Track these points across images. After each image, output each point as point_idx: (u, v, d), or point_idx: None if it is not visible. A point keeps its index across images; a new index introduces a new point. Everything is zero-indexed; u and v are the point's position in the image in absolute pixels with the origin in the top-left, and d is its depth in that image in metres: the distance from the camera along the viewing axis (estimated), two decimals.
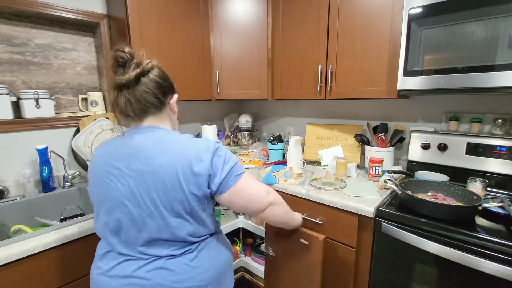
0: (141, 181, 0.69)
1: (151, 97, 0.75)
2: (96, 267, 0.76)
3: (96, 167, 0.76)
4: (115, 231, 0.73)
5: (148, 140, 0.72)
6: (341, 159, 1.50)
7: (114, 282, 0.71)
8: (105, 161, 0.74)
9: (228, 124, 2.26)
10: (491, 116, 1.32)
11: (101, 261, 0.75)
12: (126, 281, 0.70)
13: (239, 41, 1.76)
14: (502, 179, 1.23)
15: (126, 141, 0.74)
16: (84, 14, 1.47)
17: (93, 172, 0.76)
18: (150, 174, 0.69)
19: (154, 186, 0.69)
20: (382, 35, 1.31)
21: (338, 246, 1.26)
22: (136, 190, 0.70)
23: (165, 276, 0.70)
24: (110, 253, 0.75)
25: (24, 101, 1.31)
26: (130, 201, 0.70)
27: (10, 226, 1.19)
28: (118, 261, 0.72)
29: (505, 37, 0.95)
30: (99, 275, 0.74)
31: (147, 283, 0.70)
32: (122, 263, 0.72)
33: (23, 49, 1.38)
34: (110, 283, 0.71)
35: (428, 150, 1.42)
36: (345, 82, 1.47)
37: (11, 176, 1.33)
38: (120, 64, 0.73)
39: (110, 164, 0.73)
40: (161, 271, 0.71)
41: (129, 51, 0.74)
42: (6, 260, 0.84)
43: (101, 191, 0.74)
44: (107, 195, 0.72)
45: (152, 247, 0.72)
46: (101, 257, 0.76)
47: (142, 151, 0.71)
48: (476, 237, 0.90)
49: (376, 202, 1.17)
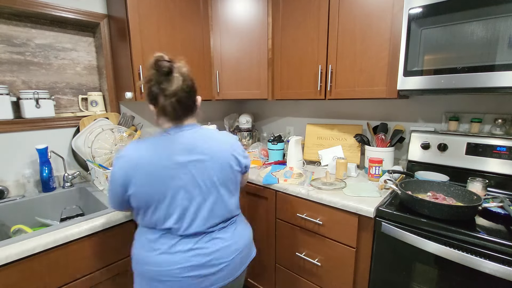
0: (201, 168, 0.85)
1: (190, 101, 0.88)
2: (153, 250, 0.84)
3: (150, 167, 0.81)
4: (179, 217, 0.84)
5: (196, 135, 0.88)
6: (341, 159, 1.50)
7: (178, 256, 0.83)
8: (160, 159, 0.82)
9: (228, 124, 2.26)
10: (491, 116, 1.32)
11: (155, 244, 0.84)
12: (190, 253, 0.84)
13: (239, 41, 1.76)
14: (502, 179, 1.23)
15: (174, 138, 0.86)
16: (84, 14, 1.47)
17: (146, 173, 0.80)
18: (208, 161, 0.86)
19: (212, 170, 0.87)
20: (382, 35, 1.31)
21: (338, 246, 1.26)
22: (199, 177, 0.85)
23: (219, 244, 0.89)
24: (165, 235, 0.85)
25: (24, 101, 1.31)
26: (194, 187, 0.85)
27: (10, 226, 1.20)
28: (177, 240, 0.84)
29: (505, 37, 0.95)
30: (160, 255, 0.83)
31: (207, 251, 0.86)
32: (182, 240, 0.85)
33: (23, 49, 1.38)
34: (174, 258, 0.83)
35: (428, 150, 1.42)
36: (345, 82, 1.47)
37: (11, 176, 1.33)
38: (163, 73, 0.81)
39: (169, 160, 0.82)
40: (216, 240, 0.88)
41: (170, 59, 0.83)
42: (6, 260, 0.84)
43: (160, 186, 0.81)
44: (170, 187, 0.82)
45: (208, 222, 0.87)
46: (155, 241, 0.85)
47: (197, 144, 0.86)
48: (476, 237, 0.90)
49: (376, 202, 1.17)
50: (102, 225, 1.05)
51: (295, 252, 1.44)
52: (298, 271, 1.46)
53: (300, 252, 1.42)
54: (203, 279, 0.85)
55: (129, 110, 1.73)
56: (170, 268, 0.82)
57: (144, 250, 0.85)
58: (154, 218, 0.83)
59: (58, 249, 0.95)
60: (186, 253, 0.84)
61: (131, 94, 1.45)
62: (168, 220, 0.83)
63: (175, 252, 0.83)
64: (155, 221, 0.84)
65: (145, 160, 0.81)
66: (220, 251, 0.88)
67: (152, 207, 0.82)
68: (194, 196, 0.85)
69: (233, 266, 0.92)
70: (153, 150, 0.83)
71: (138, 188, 0.81)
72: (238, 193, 0.99)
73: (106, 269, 1.09)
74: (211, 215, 0.88)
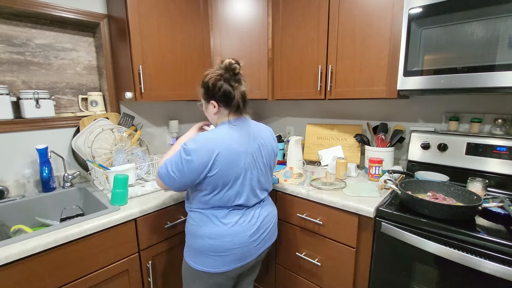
0: (261, 152, 1.06)
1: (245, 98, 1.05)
2: (224, 224, 1.00)
3: (230, 151, 0.96)
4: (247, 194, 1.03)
5: (253, 126, 1.08)
6: (341, 159, 1.50)
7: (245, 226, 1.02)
8: (238, 143, 0.98)
9: None
10: (491, 116, 1.32)
11: (225, 219, 1.01)
12: (252, 221, 1.04)
13: (239, 41, 1.76)
14: (502, 179, 1.23)
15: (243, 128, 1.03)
16: (84, 14, 1.47)
17: (228, 155, 0.95)
18: (263, 146, 1.07)
19: (266, 154, 1.09)
20: (382, 35, 1.31)
21: (338, 246, 1.26)
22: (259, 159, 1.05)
23: (265, 211, 1.11)
24: (232, 211, 1.02)
25: (24, 101, 1.31)
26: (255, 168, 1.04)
27: (10, 226, 1.20)
28: (242, 212, 1.03)
29: (505, 37, 0.95)
30: (232, 227, 1.00)
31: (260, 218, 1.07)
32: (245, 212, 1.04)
33: (23, 49, 1.38)
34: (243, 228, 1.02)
35: (428, 150, 1.42)
36: (345, 82, 1.47)
37: (11, 176, 1.33)
38: (235, 73, 0.99)
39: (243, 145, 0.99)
40: (263, 209, 1.11)
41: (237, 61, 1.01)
42: (6, 260, 0.84)
43: (236, 168, 0.97)
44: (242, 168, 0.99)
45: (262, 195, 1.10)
46: (224, 217, 1.01)
47: (256, 133, 1.06)
48: (476, 237, 0.90)
49: (376, 202, 1.17)
50: (102, 225, 1.05)
51: (295, 252, 1.44)
52: (298, 271, 1.46)
53: (300, 252, 1.42)
54: (260, 240, 1.06)
55: (129, 110, 1.73)
56: (241, 236, 1.00)
57: (215, 225, 1.00)
58: (227, 195, 0.99)
59: (58, 249, 0.95)
60: (250, 222, 1.03)
61: (131, 94, 1.45)
62: (240, 197, 1.01)
63: (243, 223, 1.02)
64: (227, 198, 0.99)
65: (226, 145, 0.95)
66: (267, 217, 1.10)
67: (229, 185, 0.98)
68: (255, 175, 1.04)
69: (273, 228, 1.15)
70: (230, 137, 0.97)
71: (221, 170, 0.94)
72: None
73: (107, 269, 1.09)
74: (263, 189, 1.10)
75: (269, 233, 1.12)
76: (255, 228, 1.04)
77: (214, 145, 0.94)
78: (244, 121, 1.06)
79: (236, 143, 0.98)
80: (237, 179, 0.99)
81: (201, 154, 0.93)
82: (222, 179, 0.96)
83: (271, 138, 1.14)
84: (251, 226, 1.03)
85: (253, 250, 1.05)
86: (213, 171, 0.94)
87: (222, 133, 0.98)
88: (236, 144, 0.97)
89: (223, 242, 0.99)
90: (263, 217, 1.08)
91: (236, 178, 0.99)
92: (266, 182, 1.13)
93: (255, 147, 1.04)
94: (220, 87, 0.98)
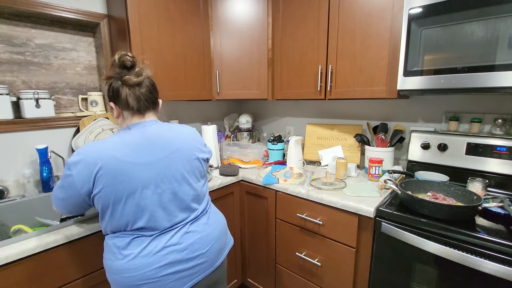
0: (168, 160, 0.86)
1: (152, 95, 0.92)
2: (124, 257, 0.81)
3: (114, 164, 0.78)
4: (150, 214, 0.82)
5: (162, 130, 0.89)
6: (341, 159, 1.50)
7: (152, 258, 0.81)
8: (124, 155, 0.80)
9: (228, 124, 2.26)
10: (491, 116, 1.32)
11: (126, 250, 0.81)
12: (163, 251, 0.82)
13: (239, 41, 1.76)
14: (502, 179, 1.23)
15: (137, 134, 0.85)
16: (84, 14, 1.47)
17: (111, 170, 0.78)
18: (177, 153, 0.89)
19: (183, 161, 0.89)
20: (382, 35, 1.31)
21: (338, 246, 1.26)
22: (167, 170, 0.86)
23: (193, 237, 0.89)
24: (135, 239, 0.82)
25: (24, 101, 1.31)
26: (163, 181, 0.85)
27: (10, 226, 1.19)
28: (149, 241, 0.82)
29: (505, 37, 0.95)
30: (133, 260, 0.80)
31: (180, 246, 0.85)
32: (154, 240, 0.83)
33: (23, 49, 1.38)
34: (148, 260, 0.81)
35: (428, 150, 1.42)
36: (345, 82, 1.47)
37: (11, 176, 1.33)
38: (126, 66, 0.87)
39: (134, 155, 0.81)
40: (189, 234, 0.88)
41: (133, 56, 0.89)
42: (6, 260, 0.84)
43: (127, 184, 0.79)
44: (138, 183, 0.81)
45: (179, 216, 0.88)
46: (125, 247, 0.82)
47: (165, 139, 0.88)
48: (476, 237, 0.90)
49: (376, 202, 1.17)
50: None
51: (295, 252, 1.44)
52: (298, 271, 1.46)
53: (300, 252, 1.42)
54: (182, 274, 0.84)
55: None
56: (145, 270, 0.80)
57: (116, 258, 0.82)
58: (123, 217, 0.81)
59: (58, 249, 0.95)
60: (160, 252, 0.82)
61: None
62: (140, 219, 0.81)
63: (148, 254, 0.81)
64: (125, 221, 0.81)
65: (110, 156, 0.78)
66: (194, 243, 0.88)
67: (121, 203, 0.79)
68: (164, 190, 0.84)
69: (211, 256, 0.93)
70: (117, 147, 0.80)
71: (106, 186, 0.78)
72: (206, 182, 1.02)
73: None
74: (182, 207, 0.89)
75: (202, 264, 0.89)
76: (171, 260, 0.83)
77: (96, 157, 0.77)
78: (144, 125, 0.88)
79: (125, 154, 0.80)
80: (130, 196, 0.80)
81: (80, 168, 0.77)
82: (111, 197, 0.79)
83: (193, 141, 0.95)
84: (162, 258, 0.82)
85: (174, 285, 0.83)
86: (97, 189, 0.78)
87: (109, 142, 0.81)
88: (124, 155, 0.79)
89: (124, 278, 0.80)
90: (185, 245, 0.86)
91: (129, 195, 0.79)
92: (191, 195, 0.91)
93: (161, 156, 0.85)
94: (109, 85, 0.88)
